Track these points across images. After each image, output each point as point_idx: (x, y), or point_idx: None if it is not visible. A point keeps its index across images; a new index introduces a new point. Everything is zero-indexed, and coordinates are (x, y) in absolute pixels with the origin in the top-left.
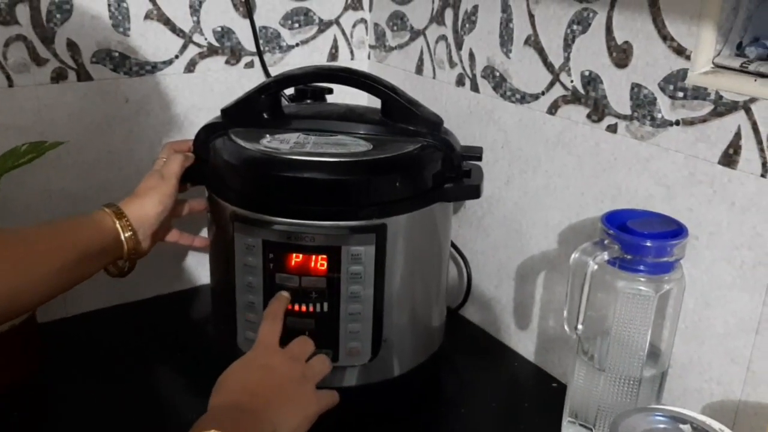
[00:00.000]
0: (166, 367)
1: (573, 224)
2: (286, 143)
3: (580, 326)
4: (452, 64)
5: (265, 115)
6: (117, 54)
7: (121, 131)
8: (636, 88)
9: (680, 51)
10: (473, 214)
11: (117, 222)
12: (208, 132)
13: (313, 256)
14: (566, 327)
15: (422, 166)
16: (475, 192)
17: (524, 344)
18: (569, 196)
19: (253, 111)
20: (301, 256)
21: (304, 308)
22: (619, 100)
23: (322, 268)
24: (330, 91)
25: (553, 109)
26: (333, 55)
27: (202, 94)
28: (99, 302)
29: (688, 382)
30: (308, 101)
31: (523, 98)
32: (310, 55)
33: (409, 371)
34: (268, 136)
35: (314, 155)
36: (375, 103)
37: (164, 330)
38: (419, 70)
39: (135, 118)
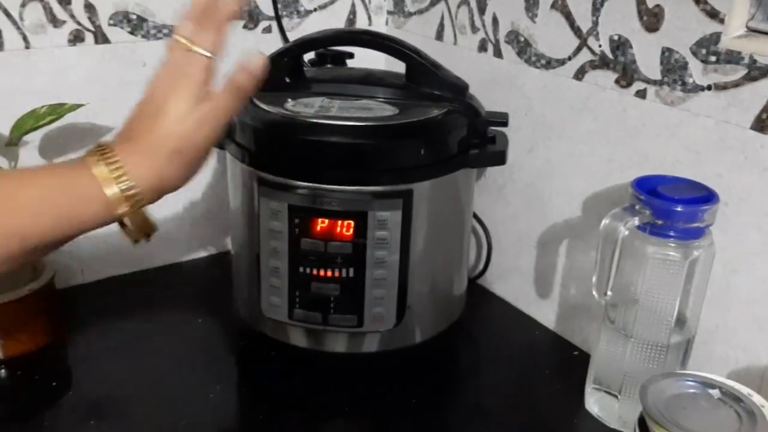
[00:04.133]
0: (186, 333)
1: (597, 192)
2: (311, 107)
3: (609, 292)
4: (474, 30)
5: (287, 79)
6: (134, 16)
7: (137, 96)
8: (667, 53)
9: (713, 14)
10: (494, 183)
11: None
12: None
13: (339, 221)
14: (595, 293)
15: (448, 131)
16: (500, 158)
17: (544, 313)
18: (594, 164)
19: (275, 75)
20: (326, 221)
21: (329, 273)
22: (648, 64)
23: (348, 233)
24: (351, 55)
25: (579, 74)
26: (351, 20)
27: (219, 59)
28: (116, 269)
29: (713, 349)
30: (329, 66)
31: (549, 63)
32: (328, 20)
33: (430, 338)
34: (290, 100)
35: (341, 119)
36: (393, 68)
37: (183, 297)
38: (439, 36)
39: None
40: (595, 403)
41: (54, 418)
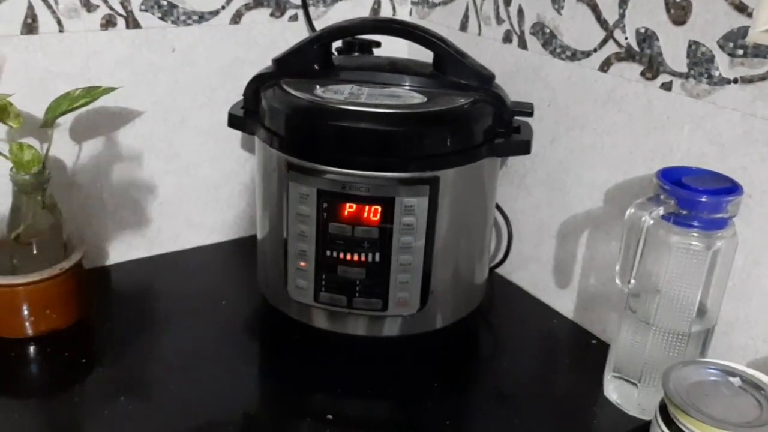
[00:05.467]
0: (210, 315)
1: (620, 183)
2: (340, 94)
3: (632, 281)
4: (499, 21)
5: (316, 66)
6: (165, 2)
7: (166, 81)
8: (693, 46)
9: (742, 8)
10: (515, 173)
11: None
12: (259, 82)
13: (367, 206)
14: (618, 281)
15: (475, 119)
16: (525, 148)
17: (563, 302)
18: (617, 155)
19: (305, 62)
20: (354, 206)
21: (356, 257)
22: (675, 57)
23: (375, 218)
24: (378, 44)
25: (605, 66)
26: (375, 10)
27: (247, 46)
28: (141, 251)
29: (733, 339)
30: (356, 54)
31: (574, 55)
32: (353, 9)
33: (451, 324)
34: (319, 86)
35: (370, 106)
36: (419, 57)
37: (207, 279)
38: (463, 26)
39: (180, 69)
40: (614, 390)
41: (83, 394)
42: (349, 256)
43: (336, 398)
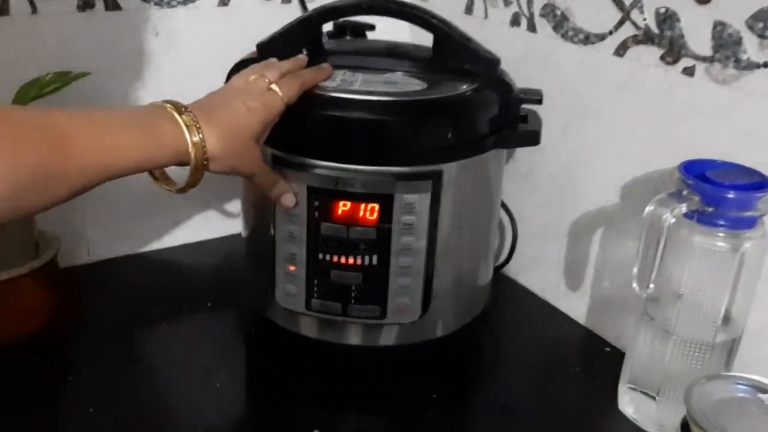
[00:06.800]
0: (195, 318)
1: (637, 177)
2: (332, 80)
3: (651, 285)
4: (507, 3)
5: (305, 51)
6: None
7: (149, 67)
8: (719, 27)
9: None
10: (522, 166)
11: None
12: (242, 69)
13: (363, 204)
14: (635, 286)
15: (481, 108)
16: (534, 138)
17: (574, 306)
18: (634, 147)
19: (292, 46)
20: (349, 204)
21: (351, 261)
22: (698, 39)
23: (372, 217)
24: (372, 27)
25: (621, 50)
26: None
27: (236, 30)
28: (124, 248)
29: (762, 350)
30: (347, 38)
31: (587, 39)
32: None
33: (453, 332)
34: None
35: (366, 93)
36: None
37: (193, 279)
38: (468, 9)
39: (165, 54)
40: (629, 403)
41: (51, 407)
42: (343, 259)
43: (325, 410)
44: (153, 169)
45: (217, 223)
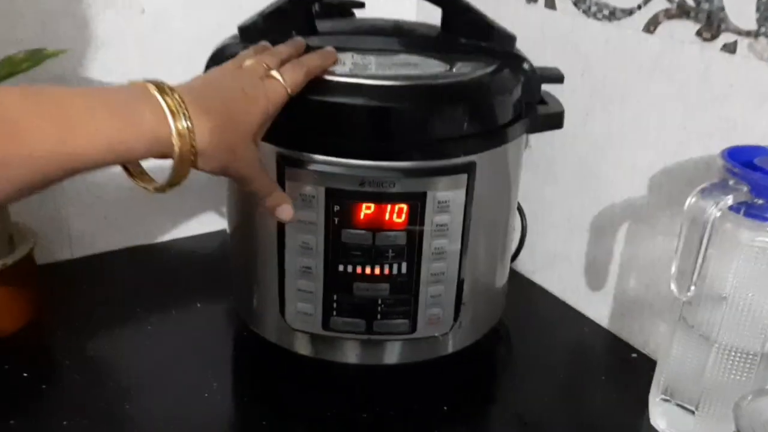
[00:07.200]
0: (183, 318)
1: (669, 167)
2: (342, 65)
3: (693, 287)
4: None
5: (295, 34)
6: None
7: (135, 48)
8: None
9: None
10: (540, 156)
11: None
12: (222, 58)
13: (389, 206)
14: (674, 288)
15: (510, 89)
16: (557, 121)
17: (596, 307)
18: (666, 133)
19: (281, 28)
20: (372, 206)
21: (377, 271)
22: (740, 12)
23: (400, 220)
24: (361, 4)
25: (651, 26)
26: None
27: (230, 9)
28: (108, 244)
29: None
30: (338, 19)
31: (613, 14)
32: None
33: (469, 345)
34: None
35: (387, 78)
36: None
37: (180, 277)
38: None
39: (151, 34)
40: (662, 416)
41: (23, 414)
42: (368, 270)
43: (325, 422)
44: (127, 161)
45: (208, 216)
